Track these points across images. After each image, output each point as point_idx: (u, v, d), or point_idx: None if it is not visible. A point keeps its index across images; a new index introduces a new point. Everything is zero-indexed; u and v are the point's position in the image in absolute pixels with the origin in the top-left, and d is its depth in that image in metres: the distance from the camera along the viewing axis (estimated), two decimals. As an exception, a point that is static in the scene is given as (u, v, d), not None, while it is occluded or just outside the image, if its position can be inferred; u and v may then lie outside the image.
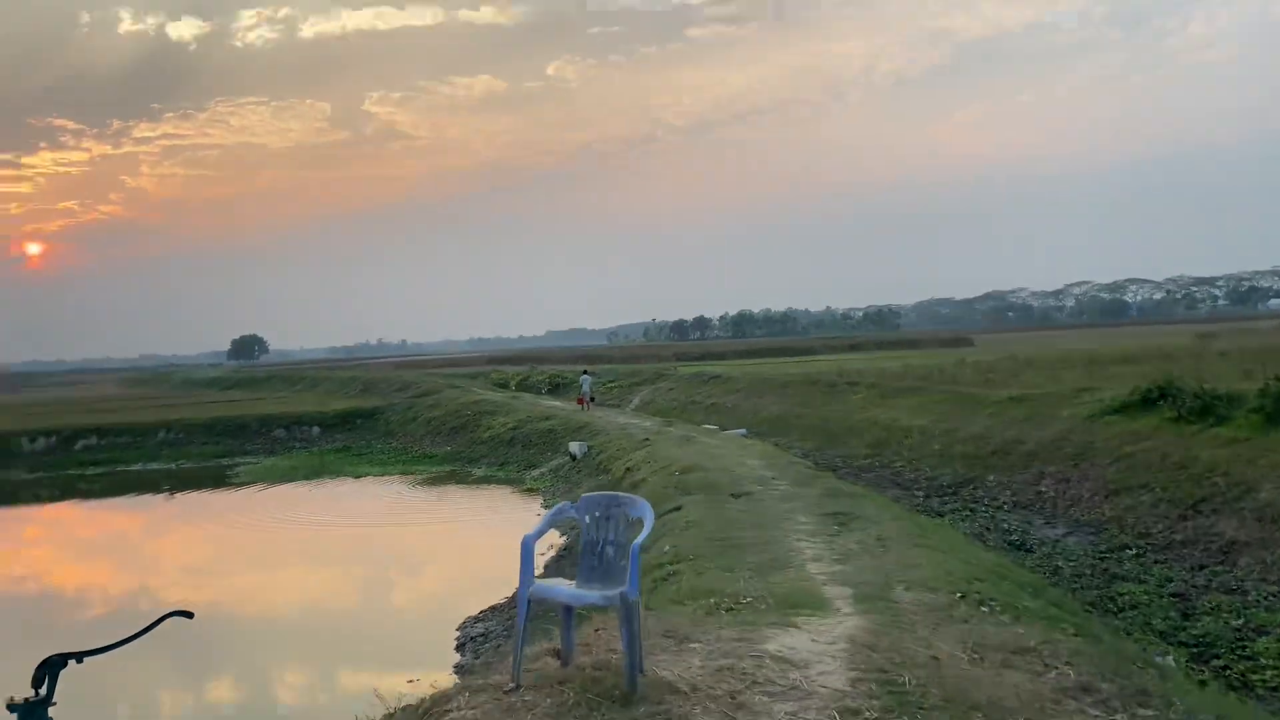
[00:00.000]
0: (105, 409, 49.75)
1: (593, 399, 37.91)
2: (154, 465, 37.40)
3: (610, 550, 5.17)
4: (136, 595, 18.65)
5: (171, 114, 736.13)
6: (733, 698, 5.35)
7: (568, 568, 14.82)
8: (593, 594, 5.18)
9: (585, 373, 41.34)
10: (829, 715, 5.21)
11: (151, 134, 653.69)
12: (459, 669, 12.69)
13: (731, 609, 7.94)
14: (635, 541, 4.98)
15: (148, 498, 30.99)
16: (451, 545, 21.30)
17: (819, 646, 6.56)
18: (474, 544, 21.21)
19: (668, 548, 12.22)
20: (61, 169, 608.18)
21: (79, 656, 3.51)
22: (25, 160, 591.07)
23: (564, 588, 5.28)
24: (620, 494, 5.45)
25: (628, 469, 21.75)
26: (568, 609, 5.45)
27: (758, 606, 8.04)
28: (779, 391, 36.94)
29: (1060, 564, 14.00)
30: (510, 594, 15.76)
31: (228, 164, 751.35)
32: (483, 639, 13.60)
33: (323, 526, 23.91)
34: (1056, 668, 6.26)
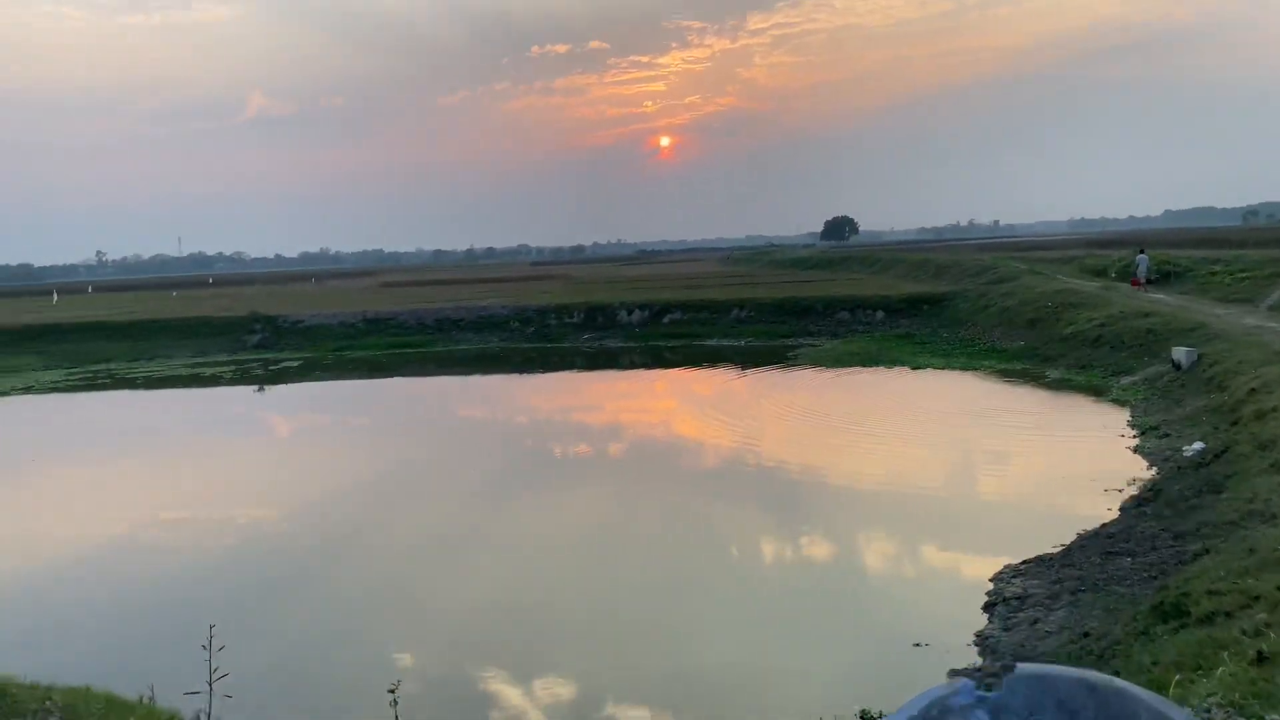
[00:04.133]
0: (692, 286, 53.65)
1: (1149, 281, 36.31)
2: (725, 341, 39.08)
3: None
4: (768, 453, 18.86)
5: (782, 2, 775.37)
6: None
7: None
8: None
9: (1141, 252, 39.77)
10: None
11: (764, 25, 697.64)
12: (980, 640, 9.94)
13: None
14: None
15: (719, 371, 32.24)
16: (1003, 468, 18.02)
17: None
18: (1030, 469, 17.69)
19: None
20: (688, 66, 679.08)
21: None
22: (659, 61, 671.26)
23: None
24: (1122, 684, 1.46)
25: (1252, 390, 16.25)
26: None
27: None
28: None
29: None
30: (1068, 541, 12.42)
31: (831, 48, 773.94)
32: (1018, 602, 10.58)
33: (859, 428, 22.13)
34: None
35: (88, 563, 14.43)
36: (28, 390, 34.90)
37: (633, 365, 36.89)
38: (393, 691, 7.80)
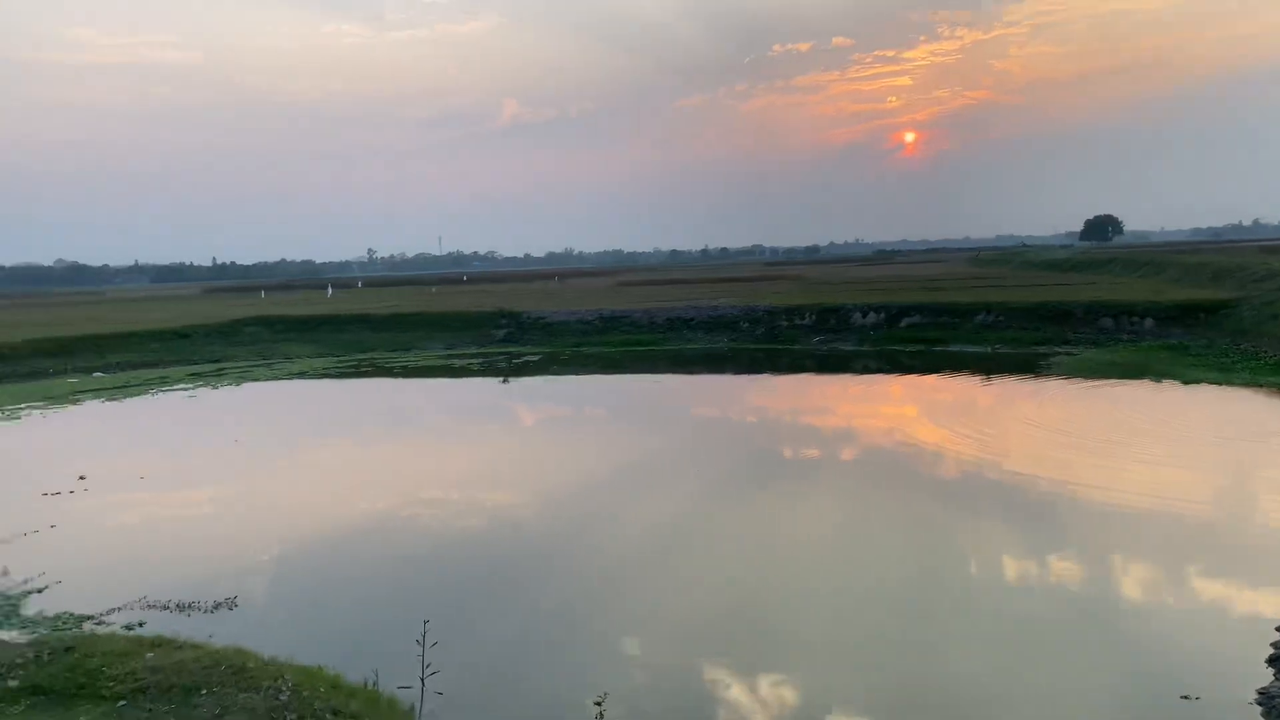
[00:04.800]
0: (934, 288, 51.09)
1: None
2: (969, 347, 36.84)
3: None
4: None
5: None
6: None
7: None
8: None
9: None
10: None
11: (1021, 14, 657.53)
12: (1265, 699, 8.50)
13: None
14: None
15: (960, 379, 30.39)
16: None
17: None
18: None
19: None
20: (936, 59, 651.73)
21: None
22: (906, 55, 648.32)
23: None
24: None
25: None
26: None
27: None
28: None
29: None
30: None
31: (1096, 36, 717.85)
32: (1317, 665, 8.96)
33: (1121, 446, 19.97)
34: None
35: (334, 540, 15.42)
36: (301, 375, 38.44)
37: (866, 370, 35.52)
38: (599, 705, 7.61)
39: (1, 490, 18.87)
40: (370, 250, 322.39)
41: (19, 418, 28.80)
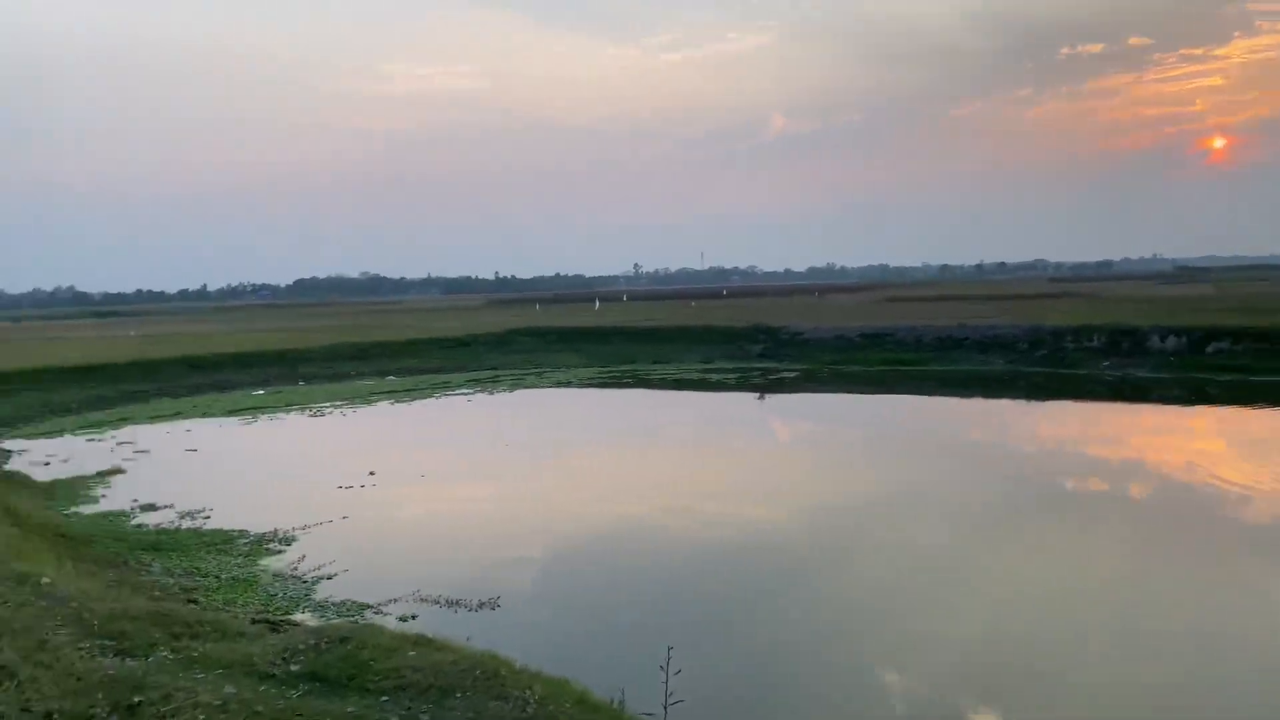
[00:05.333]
0: (1249, 309, 45.22)
1: None
2: (1294, 378, 32.17)
3: None
4: None
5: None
6: None
7: None
8: None
9: None
10: None
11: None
12: None
13: None
14: None
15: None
16: None
17: None
18: None
19: None
20: (1253, 56, 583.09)
21: None
22: (1216, 52, 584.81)
23: None
24: None
25: None
26: None
27: None
28: None
29: None
30: None
31: None
32: None
33: None
34: None
35: (592, 546, 15.69)
36: (568, 384, 40.10)
37: (1164, 400, 31.91)
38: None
39: (305, 482, 20.87)
40: (636, 265, 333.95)
41: (325, 414, 32.00)
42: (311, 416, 31.61)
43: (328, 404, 34.35)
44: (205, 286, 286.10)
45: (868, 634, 11.50)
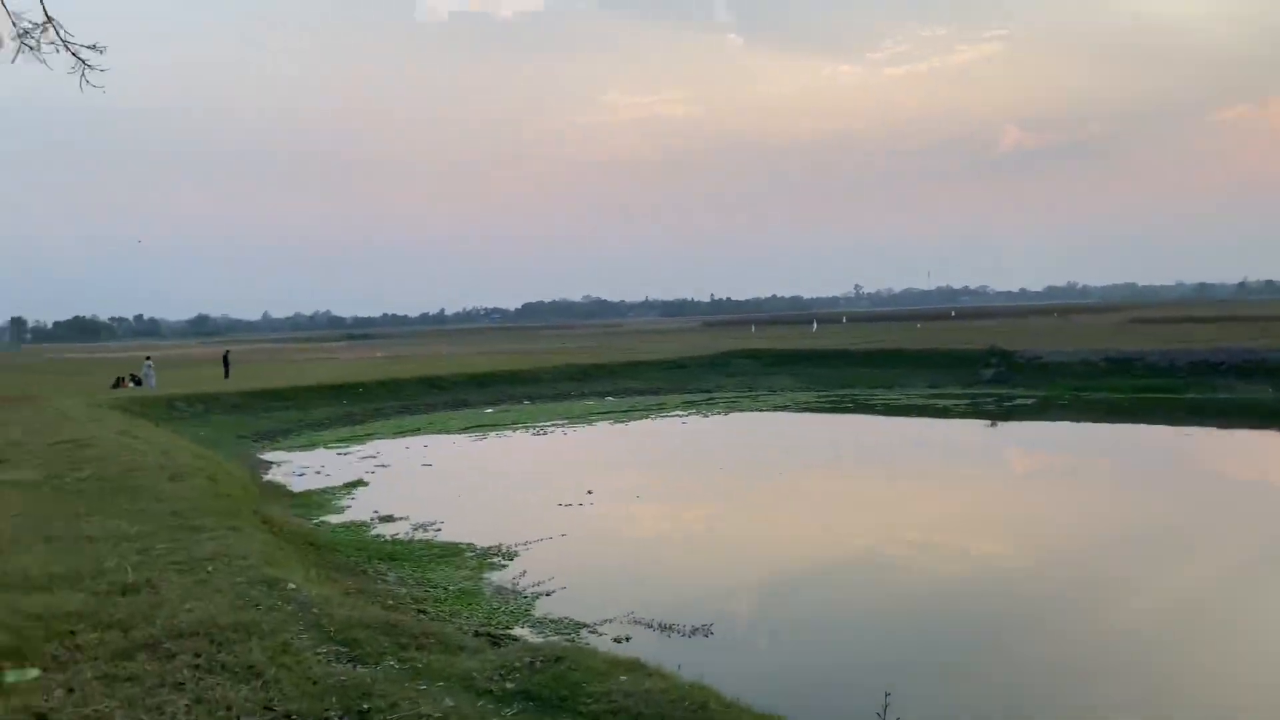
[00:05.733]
0: None
1: None
2: None
3: None
4: None
5: None
6: None
7: None
8: None
9: None
10: None
11: None
12: None
13: None
14: None
15: None
16: None
17: None
18: None
19: None
20: None
21: None
22: None
23: None
24: None
25: None
26: None
27: None
28: None
29: None
30: None
31: None
32: None
33: None
34: None
35: (809, 575, 15.19)
36: (784, 408, 39.50)
37: None
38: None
39: (528, 498, 21.59)
40: (857, 286, 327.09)
41: (547, 433, 33.16)
42: (535, 435, 32.84)
43: (550, 423, 35.58)
44: (443, 310, 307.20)
45: (1113, 684, 10.36)
